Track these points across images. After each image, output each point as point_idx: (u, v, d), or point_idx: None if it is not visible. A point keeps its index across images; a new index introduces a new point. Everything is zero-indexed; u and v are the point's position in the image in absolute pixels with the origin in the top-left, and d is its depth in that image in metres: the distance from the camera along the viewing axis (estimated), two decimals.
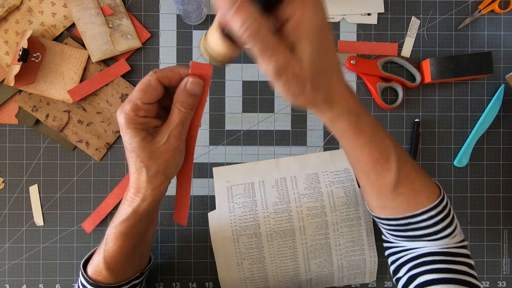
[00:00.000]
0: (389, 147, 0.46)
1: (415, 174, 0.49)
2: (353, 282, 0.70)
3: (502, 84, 0.70)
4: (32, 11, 0.68)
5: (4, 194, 0.70)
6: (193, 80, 0.41)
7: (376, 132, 0.45)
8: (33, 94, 0.68)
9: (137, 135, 0.41)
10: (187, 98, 0.42)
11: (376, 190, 0.50)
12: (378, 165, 0.47)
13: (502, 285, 0.71)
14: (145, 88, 0.41)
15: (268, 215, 0.66)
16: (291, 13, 0.34)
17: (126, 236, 0.49)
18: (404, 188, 0.48)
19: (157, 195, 0.45)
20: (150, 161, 0.42)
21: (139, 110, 0.41)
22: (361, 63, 0.69)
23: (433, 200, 0.49)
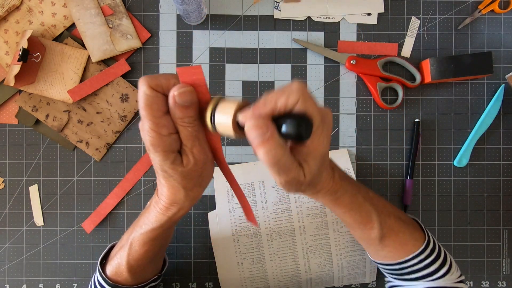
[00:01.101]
0: (369, 210, 0.51)
1: (398, 227, 0.54)
2: (353, 282, 0.70)
3: (502, 84, 0.70)
4: (32, 11, 0.68)
5: (4, 194, 0.70)
6: (179, 92, 0.36)
7: (354, 201, 0.50)
8: (33, 94, 0.68)
9: (167, 159, 0.38)
10: (182, 112, 0.37)
11: (364, 242, 0.57)
12: (362, 225, 0.52)
13: (502, 285, 0.71)
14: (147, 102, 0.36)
15: (268, 215, 0.66)
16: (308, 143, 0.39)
17: (155, 241, 0.49)
18: (389, 240, 0.54)
19: (193, 203, 0.45)
20: (185, 180, 0.41)
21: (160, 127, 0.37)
22: (361, 63, 0.69)
23: (420, 245, 0.54)
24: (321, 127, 0.38)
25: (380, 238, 0.53)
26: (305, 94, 0.36)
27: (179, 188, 0.42)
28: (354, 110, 0.71)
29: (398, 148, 0.71)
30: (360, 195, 0.51)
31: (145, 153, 0.70)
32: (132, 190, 0.70)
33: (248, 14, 0.70)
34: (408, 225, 0.55)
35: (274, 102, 0.36)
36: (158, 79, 0.37)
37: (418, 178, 0.71)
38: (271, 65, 0.70)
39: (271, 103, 0.36)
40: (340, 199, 0.49)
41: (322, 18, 0.70)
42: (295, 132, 0.36)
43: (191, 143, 0.39)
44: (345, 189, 0.49)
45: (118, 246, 0.54)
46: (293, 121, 0.36)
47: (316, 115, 0.37)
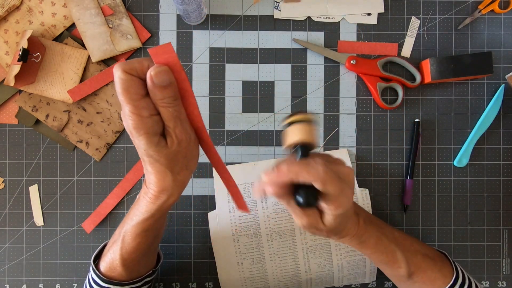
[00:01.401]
0: (394, 251, 0.54)
1: (426, 265, 0.56)
2: (353, 282, 0.70)
3: (502, 84, 0.70)
4: (32, 11, 0.68)
5: (4, 194, 0.70)
6: (155, 71, 0.36)
7: (379, 243, 0.54)
8: (33, 94, 0.68)
9: (151, 142, 0.39)
10: (161, 92, 0.37)
11: (394, 279, 0.59)
12: (389, 265, 0.55)
13: (502, 285, 0.71)
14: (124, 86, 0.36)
15: (268, 215, 0.66)
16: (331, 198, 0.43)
17: (147, 232, 0.49)
18: (418, 278, 0.56)
19: (183, 189, 0.45)
20: (171, 163, 0.41)
21: (140, 109, 0.37)
22: (361, 63, 0.69)
23: (450, 280, 0.56)
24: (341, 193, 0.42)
25: (408, 276, 0.55)
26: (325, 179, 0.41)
27: (166, 172, 0.42)
28: (354, 110, 0.71)
29: (398, 148, 0.71)
30: (384, 237, 0.54)
31: None
32: (132, 190, 0.70)
33: (248, 14, 0.70)
34: (436, 262, 0.57)
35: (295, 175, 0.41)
36: (132, 63, 0.37)
37: (418, 178, 0.71)
38: (271, 65, 0.70)
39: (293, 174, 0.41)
40: (366, 243, 0.53)
41: (322, 18, 0.70)
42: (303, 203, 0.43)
43: (173, 123, 0.39)
44: (369, 233, 0.53)
45: (111, 242, 0.54)
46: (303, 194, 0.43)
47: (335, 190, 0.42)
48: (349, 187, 0.44)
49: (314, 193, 0.43)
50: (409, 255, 0.55)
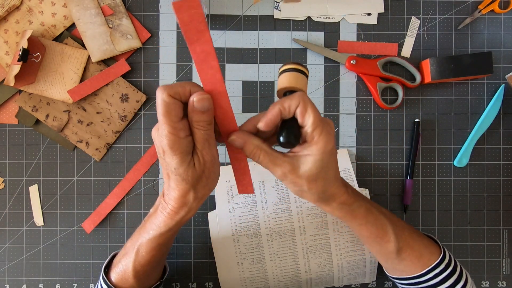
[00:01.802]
0: (384, 224, 0.54)
1: (413, 241, 0.56)
2: (353, 282, 0.70)
3: (502, 84, 0.70)
4: (32, 11, 0.68)
5: (4, 194, 0.70)
6: (198, 98, 0.39)
7: (369, 214, 0.53)
8: (33, 94, 0.68)
9: (184, 161, 0.41)
10: (200, 116, 0.41)
11: (382, 257, 0.58)
12: (378, 239, 0.54)
13: (502, 285, 0.71)
14: (167, 109, 0.39)
15: (268, 215, 0.66)
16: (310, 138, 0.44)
17: (162, 246, 0.51)
18: (406, 254, 0.55)
19: (200, 205, 0.47)
20: (195, 182, 0.43)
21: (178, 131, 0.40)
22: (361, 63, 0.69)
23: (436, 259, 0.56)
24: (320, 127, 0.43)
25: (397, 251, 0.55)
26: (304, 99, 0.42)
27: (189, 190, 0.44)
28: (354, 110, 0.71)
29: (398, 148, 0.71)
30: (374, 209, 0.54)
31: (145, 153, 0.70)
32: (132, 190, 0.70)
33: (248, 14, 0.70)
34: (423, 239, 0.57)
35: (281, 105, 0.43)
36: (175, 87, 0.39)
37: (418, 178, 0.71)
38: (271, 65, 0.70)
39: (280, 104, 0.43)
40: (356, 212, 0.52)
41: (322, 18, 0.70)
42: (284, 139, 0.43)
43: (202, 145, 0.42)
44: (359, 203, 0.52)
45: (122, 254, 0.55)
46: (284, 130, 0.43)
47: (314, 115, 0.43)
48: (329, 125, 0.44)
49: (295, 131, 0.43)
50: (397, 230, 0.55)
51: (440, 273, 0.55)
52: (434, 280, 0.55)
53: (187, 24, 0.36)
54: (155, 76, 0.70)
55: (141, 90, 0.70)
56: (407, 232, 0.56)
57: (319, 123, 0.43)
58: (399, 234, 0.55)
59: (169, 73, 0.70)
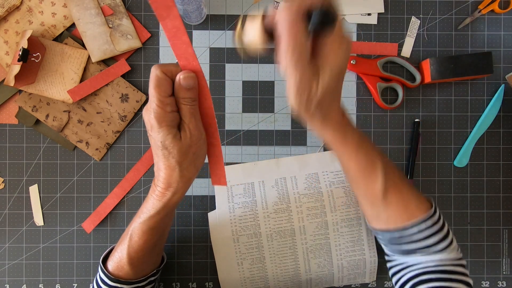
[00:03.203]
0: (375, 157, 0.52)
1: (402, 184, 0.53)
2: (353, 282, 0.70)
3: (502, 84, 0.70)
4: (32, 11, 0.68)
5: (4, 194, 0.70)
6: (184, 76, 0.43)
7: (362, 143, 0.51)
8: (33, 94, 0.68)
9: (170, 133, 0.44)
10: (186, 93, 0.44)
11: (367, 199, 0.55)
12: (366, 173, 0.52)
13: (502, 285, 0.71)
14: (158, 83, 0.42)
15: (268, 215, 0.66)
16: (329, 48, 0.42)
17: (153, 230, 0.52)
18: (393, 197, 0.52)
19: (188, 187, 0.49)
20: (182, 157, 0.45)
21: (165, 105, 0.43)
22: (361, 63, 0.69)
23: (424, 212, 0.52)
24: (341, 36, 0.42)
25: (383, 192, 0.52)
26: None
27: (175, 166, 0.46)
28: (354, 110, 0.71)
29: (398, 148, 0.71)
30: (367, 141, 0.52)
31: (145, 153, 0.70)
32: (132, 190, 0.70)
33: (248, 14, 0.70)
34: (413, 188, 0.54)
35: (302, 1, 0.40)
36: (168, 65, 0.43)
37: (418, 178, 0.71)
38: (271, 65, 0.70)
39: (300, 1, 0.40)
40: (349, 138, 0.50)
41: None
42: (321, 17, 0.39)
43: (189, 119, 0.45)
44: (353, 130, 0.50)
45: (118, 242, 0.56)
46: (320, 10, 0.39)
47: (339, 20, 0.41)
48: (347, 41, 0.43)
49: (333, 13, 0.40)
50: (387, 169, 0.52)
51: (425, 229, 0.52)
52: (418, 236, 0.52)
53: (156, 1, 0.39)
54: None
55: (141, 90, 0.70)
56: (397, 173, 0.53)
57: (341, 32, 0.42)
58: (388, 173, 0.52)
59: None
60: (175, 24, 0.40)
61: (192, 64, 0.44)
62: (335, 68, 0.43)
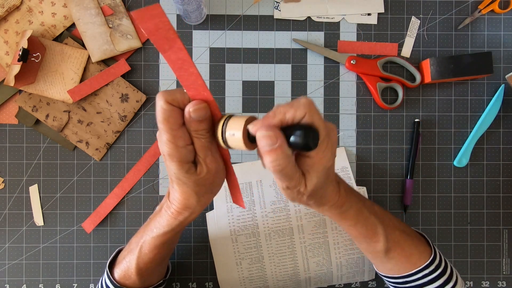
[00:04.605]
0: (374, 224, 0.53)
1: (404, 240, 0.55)
2: (352, 280, 0.70)
3: (502, 84, 0.70)
4: (32, 11, 0.68)
5: (4, 194, 0.70)
6: (194, 108, 0.38)
7: (360, 215, 0.52)
8: (33, 94, 0.68)
9: (182, 168, 0.40)
10: (198, 125, 0.39)
11: (370, 255, 0.57)
12: (367, 238, 0.53)
13: (502, 285, 0.71)
14: (165, 116, 0.38)
15: (266, 215, 0.66)
16: (312, 155, 0.40)
17: (165, 245, 0.51)
18: (395, 253, 0.55)
19: (204, 208, 0.47)
20: (198, 187, 0.43)
21: (177, 139, 0.39)
22: (361, 63, 0.69)
23: (425, 260, 0.55)
24: (326, 141, 0.40)
25: (385, 251, 0.54)
26: (312, 109, 0.38)
27: (192, 194, 0.43)
28: (354, 110, 0.71)
29: (398, 148, 0.71)
30: (365, 209, 0.53)
31: (145, 153, 0.70)
32: (132, 190, 0.70)
33: (248, 14, 0.70)
34: (413, 238, 0.57)
35: (283, 114, 0.38)
36: (174, 94, 0.38)
37: (418, 178, 0.71)
38: (271, 65, 0.70)
39: (280, 114, 0.38)
40: (346, 213, 0.51)
41: (322, 18, 0.70)
42: (303, 142, 0.37)
43: (204, 153, 0.41)
44: (350, 203, 0.51)
45: (127, 250, 0.55)
46: (301, 131, 0.37)
47: (322, 128, 0.39)
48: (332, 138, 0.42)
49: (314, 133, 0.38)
50: (388, 230, 0.54)
51: (429, 274, 0.55)
52: (422, 280, 0.55)
53: (154, 33, 0.34)
54: (155, 76, 0.70)
55: (141, 90, 0.70)
56: (397, 232, 0.55)
57: (325, 138, 0.40)
58: (389, 234, 0.54)
59: (169, 73, 0.70)
60: (180, 56, 0.36)
61: (203, 94, 0.39)
62: (321, 172, 0.41)
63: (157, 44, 0.34)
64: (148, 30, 0.33)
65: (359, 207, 0.52)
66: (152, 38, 0.34)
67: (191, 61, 0.36)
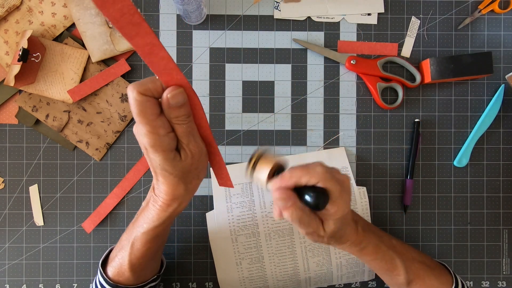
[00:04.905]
0: (393, 258, 0.55)
1: (424, 272, 0.57)
2: (352, 280, 0.70)
3: (502, 84, 0.70)
4: (32, 11, 0.68)
5: (4, 194, 0.70)
6: (172, 94, 0.38)
7: (378, 250, 0.55)
8: (33, 94, 0.68)
9: (167, 157, 0.40)
10: (177, 111, 0.39)
11: (394, 287, 0.60)
12: (388, 272, 0.56)
13: (502, 285, 0.71)
14: (140, 108, 0.37)
15: (266, 215, 0.66)
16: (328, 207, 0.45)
17: (156, 238, 0.51)
18: (417, 285, 0.57)
19: (192, 196, 0.48)
20: (184, 174, 0.43)
21: (157, 128, 0.38)
22: (361, 63, 0.69)
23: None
24: (339, 197, 0.45)
25: (407, 284, 0.56)
26: (326, 177, 0.43)
27: (179, 183, 0.44)
28: (354, 110, 0.71)
29: (398, 148, 0.71)
30: (383, 244, 0.56)
31: None
32: (132, 190, 0.70)
33: (248, 14, 0.70)
34: (434, 270, 0.58)
35: (298, 178, 0.43)
36: (146, 84, 0.37)
37: (418, 178, 0.71)
38: (271, 65, 0.70)
39: (295, 178, 0.43)
40: (365, 250, 0.54)
41: (322, 18, 0.70)
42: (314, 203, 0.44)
43: (187, 139, 0.41)
44: (368, 240, 0.54)
45: (118, 248, 0.55)
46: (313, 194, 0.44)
47: (335, 190, 0.44)
48: (346, 192, 0.46)
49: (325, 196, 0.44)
50: (407, 263, 0.56)
51: None
52: None
53: (118, 20, 0.32)
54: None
55: None
56: (417, 263, 0.57)
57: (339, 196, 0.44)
58: (408, 266, 0.56)
59: None
60: (148, 41, 0.34)
61: (177, 78, 0.38)
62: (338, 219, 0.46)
63: (123, 31, 0.33)
64: (112, 17, 0.31)
65: (377, 242, 0.55)
66: (117, 25, 0.32)
67: (160, 44, 0.35)
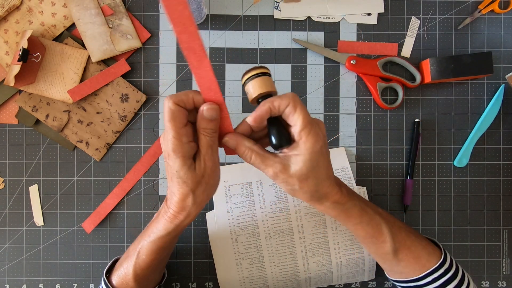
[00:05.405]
0: (379, 223, 0.54)
1: (410, 241, 0.56)
2: (352, 280, 0.70)
3: (502, 84, 0.70)
4: (32, 11, 0.68)
5: (4, 194, 0.70)
6: (207, 108, 0.44)
7: (364, 213, 0.53)
8: (33, 94, 0.68)
9: (185, 164, 0.44)
10: (207, 124, 0.44)
11: (379, 257, 0.58)
12: (374, 239, 0.55)
13: (502, 285, 0.71)
14: (172, 116, 0.42)
15: (266, 215, 0.66)
16: (298, 138, 0.45)
17: (161, 250, 0.53)
18: (403, 255, 0.56)
19: (199, 211, 0.49)
20: (195, 186, 0.46)
21: (181, 136, 0.43)
22: (361, 63, 0.69)
23: (435, 262, 0.56)
24: (308, 127, 0.45)
25: (393, 252, 0.55)
26: (295, 100, 0.44)
27: (189, 194, 0.46)
28: (354, 110, 0.71)
29: (398, 148, 0.71)
30: (369, 209, 0.54)
31: (145, 153, 0.70)
32: (132, 190, 0.70)
33: (248, 14, 0.70)
34: (421, 239, 0.57)
35: (271, 103, 0.44)
36: (180, 96, 0.43)
37: (418, 178, 0.71)
38: (271, 65, 0.70)
39: (269, 102, 0.45)
40: (350, 211, 0.52)
41: (322, 18, 0.70)
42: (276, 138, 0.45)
43: (206, 150, 0.45)
44: (353, 202, 0.53)
45: (124, 257, 0.56)
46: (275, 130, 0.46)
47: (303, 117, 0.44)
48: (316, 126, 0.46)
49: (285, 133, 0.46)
50: (394, 230, 0.55)
51: (439, 277, 0.55)
52: (433, 284, 0.55)
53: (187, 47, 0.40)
54: (155, 76, 0.70)
55: (141, 90, 0.70)
56: (404, 232, 0.56)
57: (308, 124, 0.45)
58: (395, 234, 0.55)
59: (169, 73, 0.70)
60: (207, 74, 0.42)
61: (215, 96, 0.44)
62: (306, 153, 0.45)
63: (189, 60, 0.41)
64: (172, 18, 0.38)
65: (363, 206, 0.54)
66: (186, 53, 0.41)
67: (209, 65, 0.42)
